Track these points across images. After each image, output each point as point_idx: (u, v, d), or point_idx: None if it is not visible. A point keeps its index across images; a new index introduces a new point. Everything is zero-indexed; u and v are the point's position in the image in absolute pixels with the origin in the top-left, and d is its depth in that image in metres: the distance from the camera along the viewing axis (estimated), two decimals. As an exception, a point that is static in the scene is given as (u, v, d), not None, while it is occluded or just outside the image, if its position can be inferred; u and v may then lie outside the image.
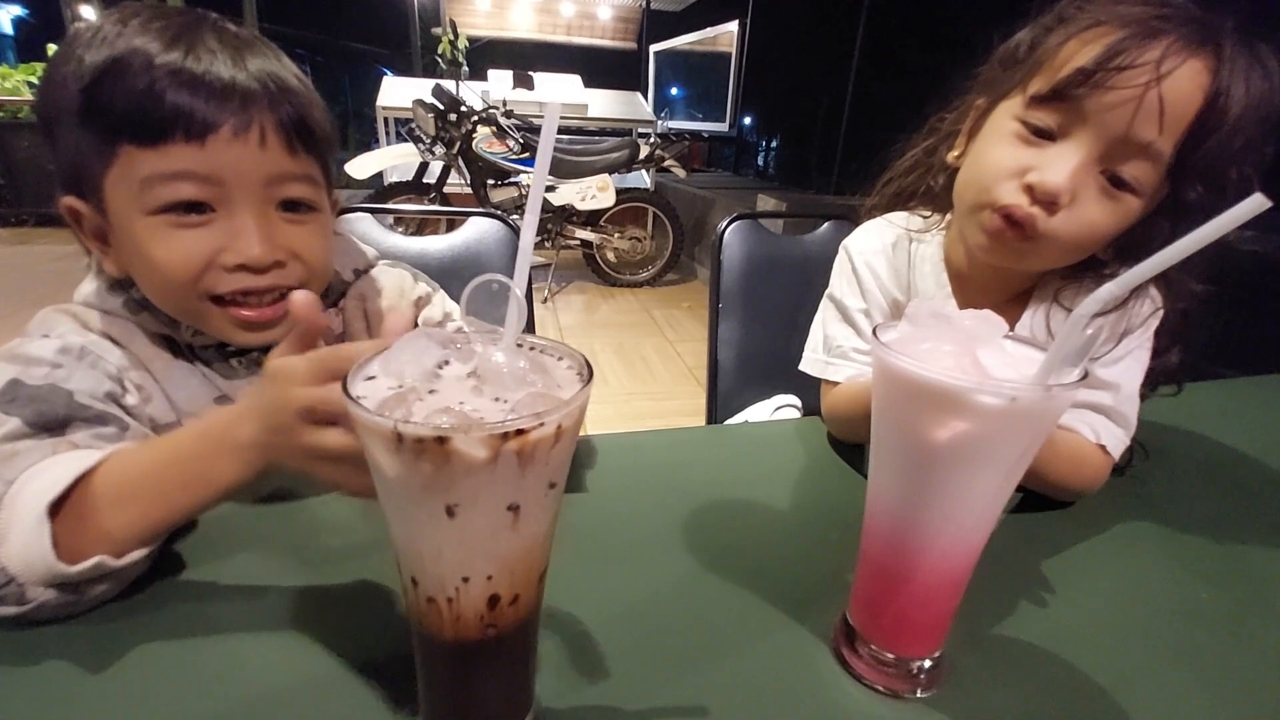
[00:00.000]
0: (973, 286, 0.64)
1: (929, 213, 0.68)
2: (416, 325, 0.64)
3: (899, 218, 0.70)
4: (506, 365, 0.28)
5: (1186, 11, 0.50)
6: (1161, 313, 0.60)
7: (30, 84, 5.19)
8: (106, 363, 0.52)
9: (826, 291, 0.72)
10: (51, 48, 5.29)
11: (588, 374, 0.29)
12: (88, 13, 6.76)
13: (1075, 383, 0.29)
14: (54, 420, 0.45)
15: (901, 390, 0.32)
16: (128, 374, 0.53)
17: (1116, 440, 0.59)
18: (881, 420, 0.35)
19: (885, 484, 0.36)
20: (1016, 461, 0.32)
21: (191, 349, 0.58)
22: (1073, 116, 0.51)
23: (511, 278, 0.29)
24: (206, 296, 0.51)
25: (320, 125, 0.54)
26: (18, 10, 9.62)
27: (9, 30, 9.65)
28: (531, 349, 0.31)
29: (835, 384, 0.68)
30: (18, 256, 4.52)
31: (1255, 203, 0.22)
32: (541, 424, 0.25)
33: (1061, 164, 0.51)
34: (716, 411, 1.12)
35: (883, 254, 0.68)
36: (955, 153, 0.63)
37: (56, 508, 0.37)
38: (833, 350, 0.69)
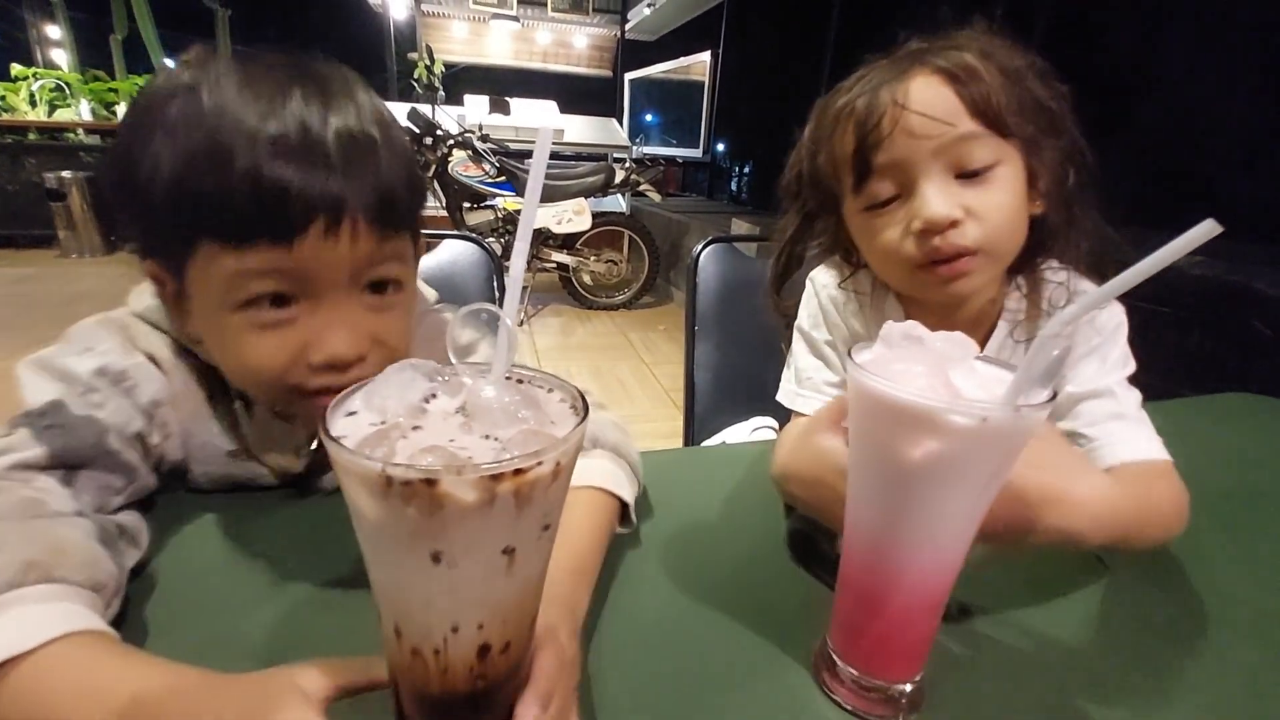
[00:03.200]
0: (925, 319, 0.66)
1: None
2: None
3: None
4: (497, 400, 0.26)
5: (885, 62, 0.59)
6: (1121, 310, 0.62)
7: (-8, 104, 5.08)
8: (141, 393, 0.50)
9: (795, 323, 0.74)
10: (16, 68, 5.21)
11: (582, 408, 0.27)
12: (53, 32, 6.65)
13: (1044, 403, 0.30)
14: (75, 459, 0.44)
15: (876, 411, 0.33)
16: (159, 410, 0.52)
17: (1158, 442, 0.59)
18: (858, 442, 0.35)
19: (862, 506, 0.36)
20: (989, 481, 0.32)
21: (243, 393, 0.56)
22: (890, 174, 0.57)
23: (495, 304, 0.28)
24: (290, 389, 0.49)
25: (411, 196, 0.50)
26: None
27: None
28: (520, 381, 0.29)
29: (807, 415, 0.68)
30: (-28, 279, 4.37)
31: (1207, 228, 0.23)
32: (539, 463, 0.24)
33: (926, 201, 0.56)
34: (694, 434, 1.11)
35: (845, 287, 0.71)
36: (857, 255, 0.69)
37: None
38: (804, 382, 0.70)
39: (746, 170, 6.61)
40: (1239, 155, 2.19)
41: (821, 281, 0.72)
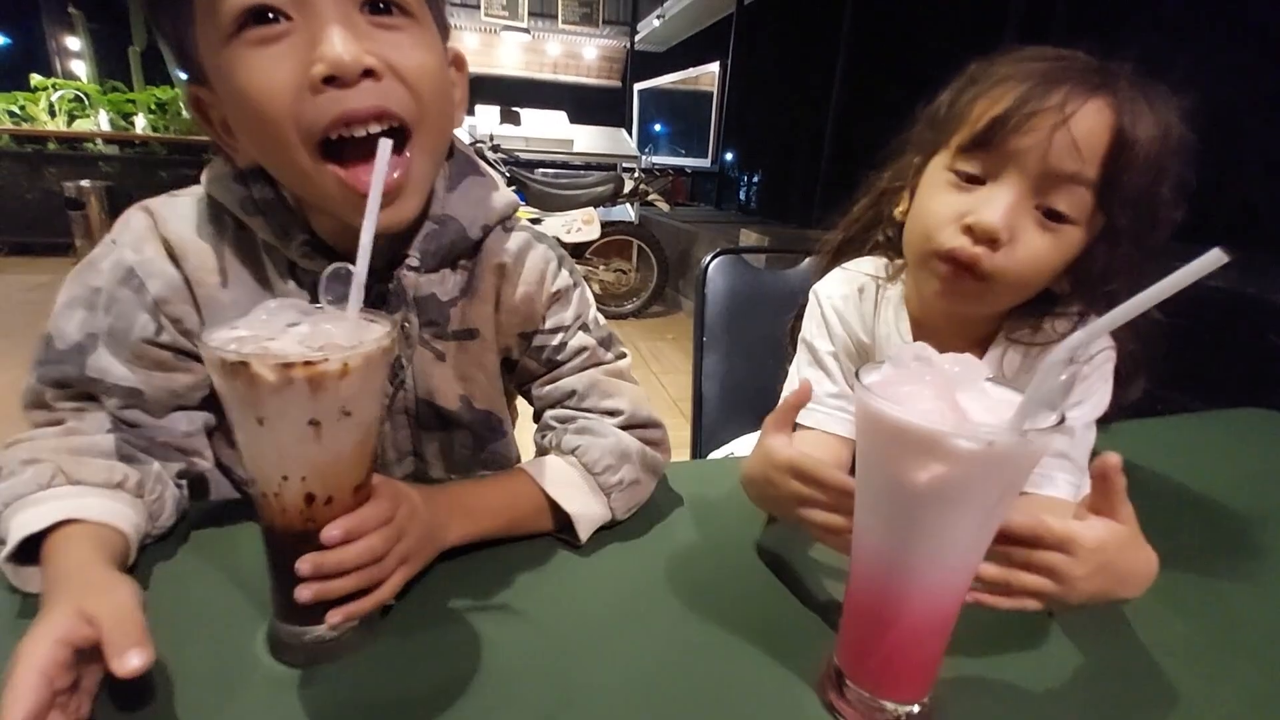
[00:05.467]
0: (932, 332, 0.66)
1: (893, 257, 0.69)
2: (545, 319, 0.63)
3: (867, 264, 0.72)
4: (336, 329, 0.37)
5: (1083, 61, 0.55)
6: (1115, 353, 0.62)
7: (11, 113, 5.16)
8: (147, 292, 0.51)
9: (799, 334, 0.74)
10: (35, 78, 5.30)
11: (388, 332, 0.38)
12: (73, 44, 6.77)
13: (1051, 428, 0.30)
14: (77, 387, 0.51)
15: (883, 433, 0.33)
16: (166, 306, 0.52)
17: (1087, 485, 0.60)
18: (865, 462, 0.36)
19: (869, 526, 0.36)
20: (996, 503, 0.32)
21: (293, 269, 0.54)
22: (997, 161, 0.54)
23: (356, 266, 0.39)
24: (315, 147, 0.45)
25: None
26: (-1, 39, 9.58)
27: (-11, 58, 9.59)
28: (366, 320, 0.39)
29: (806, 428, 0.68)
30: (-10, 285, 4.44)
31: (1213, 257, 0.23)
32: (326, 360, 0.34)
33: (995, 204, 0.54)
34: (701, 445, 1.11)
35: (849, 299, 0.71)
36: (901, 208, 0.66)
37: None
38: None
39: (755, 179, 6.63)
40: (1254, 166, 2.18)
41: (825, 293, 0.72)
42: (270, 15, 0.42)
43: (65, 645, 0.34)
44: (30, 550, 0.44)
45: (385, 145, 0.39)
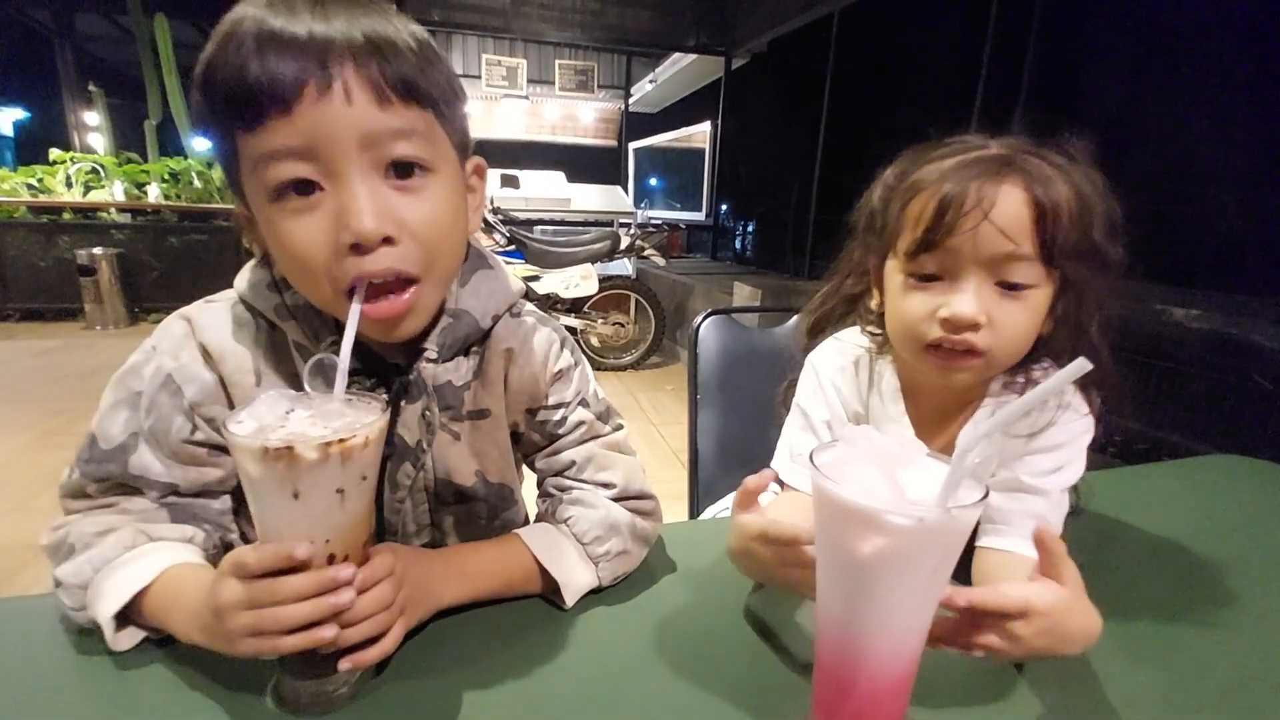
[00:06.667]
0: (925, 399, 0.71)
1: (874, 333, 0.74)
2: (548, 396, 0.67)
3: (860, 335, 0.76)
4: (333, 409, 0.44)
5: (982, 150, 0.61)
6: (1091, 424, 0.66)
7: (29, 186, 5.36)
8: (183, 397, 0.55)
9: (794, 399, 0.78)
10: (55, 152, 5.53)
11: (384, 409, 0.44)
12: (91, 119, 7.07)
13: (975, 504, 0.34)
14: (117, 482, 0.55)
15: (831, 508, 0.37)
16: (200, 409, 0.56)
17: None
18: (820, 534, 0.40)
19: (828, 592, 0.40)
20: (933, 572, 0.36)
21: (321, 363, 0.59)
22: (944, 258, 0.61)
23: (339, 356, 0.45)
24: (341, 291, 0.50)
25: (417, 73, 0.49)
26: (19, 113, 9.96)
27: (9, 132, 9.96)
28: (348, 400, 0.45)
29: (795, 489, 0.71)
30: (2, 350, 4.52)
31: (1079, 365, 0.28)
32: (353, 436, 0.41)
33: (963, 295, 0.60)
34: (698, 500, 1.14)
35: (846, 371, 0.75)
36: (874, 301, 0.72)
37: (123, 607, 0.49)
38: (796, 458, 0.74)
39: (749, 230, 6.80)
40: (1236, 207, 2.25)
41: (823, 365, 0.76)
42: (306, 184, 0.47)
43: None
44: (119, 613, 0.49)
45: (356, 308, 0.49)
